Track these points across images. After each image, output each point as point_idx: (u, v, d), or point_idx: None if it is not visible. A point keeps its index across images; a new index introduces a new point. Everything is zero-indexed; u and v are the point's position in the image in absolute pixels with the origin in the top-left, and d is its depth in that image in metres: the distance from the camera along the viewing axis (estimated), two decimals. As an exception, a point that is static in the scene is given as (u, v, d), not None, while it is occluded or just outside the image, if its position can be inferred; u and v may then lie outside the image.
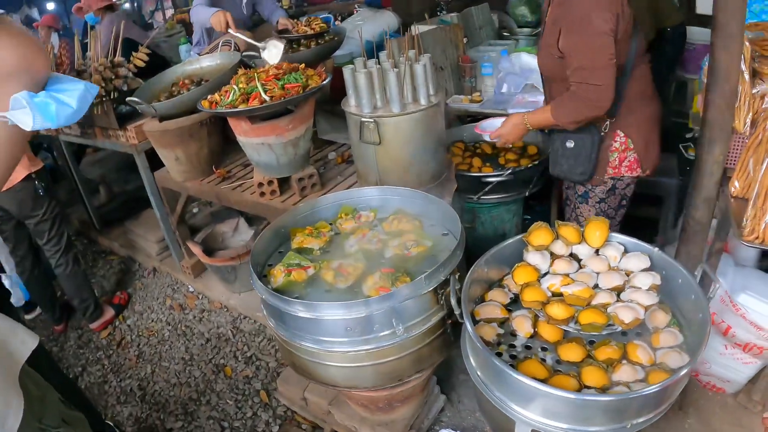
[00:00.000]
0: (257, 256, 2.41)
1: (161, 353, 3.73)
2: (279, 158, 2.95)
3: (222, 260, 3.62)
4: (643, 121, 2.63)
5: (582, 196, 2.85)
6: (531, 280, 2.05)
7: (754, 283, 2.53)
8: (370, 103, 2.61)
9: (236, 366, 3.51)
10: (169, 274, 4.44)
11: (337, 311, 1.99)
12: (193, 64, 3.84)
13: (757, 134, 2.13)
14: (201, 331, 3.84)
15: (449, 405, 3.00)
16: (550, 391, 1.66)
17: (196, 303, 4.09)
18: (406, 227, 2.42)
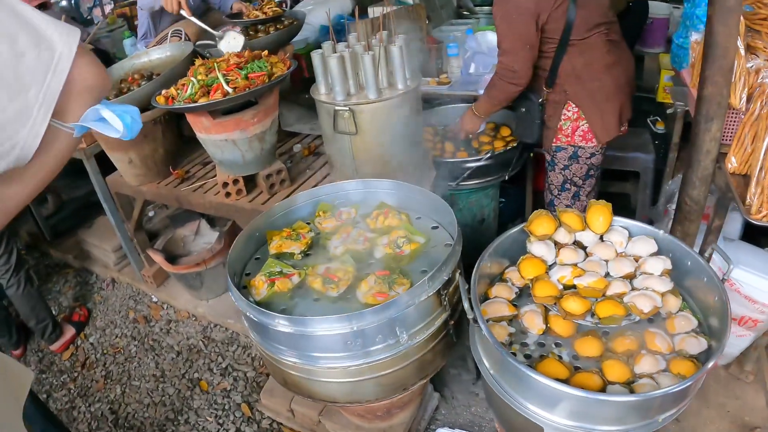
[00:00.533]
0: (233, 265, 2.18)
1: (130, 371, 3.45)
2: (244, 155, 2.71)
3: (186, 267, 3.36)
4: (595, 92, 2.60)
5: (550, 163, 2.90)
6: (540, 274, 1.90)
7: (745, 257, 2.46)
8: (344, 90, 2.40)
9: (212, 379, 3.27)
10: (129, 284, 4.12)
11: (337, 325, 1.79)
12: (141, 58, 3.52)
13: (753, 109, 2.05)
14: (170, 343, 3.57)
15: (443, 402, 2.86)
16: (585, 395, 1.52)
17: (162, 314, 3.81)
18: (393, 222, 2.24)
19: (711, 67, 1.93)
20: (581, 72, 2.57)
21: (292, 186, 2.86)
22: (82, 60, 1.04)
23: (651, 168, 3.33)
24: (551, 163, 2.87)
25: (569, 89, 2.61)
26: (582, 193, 2.86)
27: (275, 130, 2.77)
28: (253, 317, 1.93)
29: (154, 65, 3.47)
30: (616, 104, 2.65)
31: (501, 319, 1.87)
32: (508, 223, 3.93)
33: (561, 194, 2.89)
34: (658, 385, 1.67)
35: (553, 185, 2.92)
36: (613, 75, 2.61)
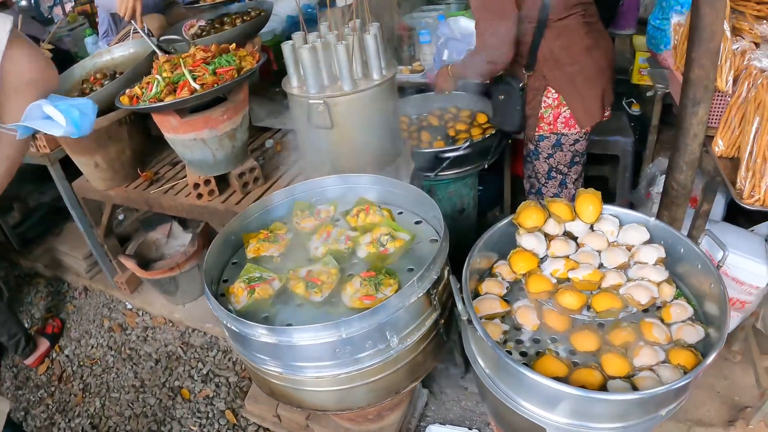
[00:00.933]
0: (210, 272, 2.05)
1: (108, 383, 3.30)
2: (215, 154, 2.57)
3: (160, 272, 3.21)
4: (575, 76, 2.50)
5: (533, 153, 2.80)
6: (532, 268, 1.81)
7: (731, 238, 2.42)
8: (317, 83, 2.27)
9: (193, 386, 3.14)
10: (102, 292, 3.95)
11: (325, 333, 1.68)
12: (103, 56, 3.33)
13: (740, 92, 1.98)
14: (148, 351, 3.42)
15: (432, 398, 2.78)
16: (587, 395, 1.45)
17: (137, 321, 3.65)
18: (375, 219, 2.12)
19: (697, 49, 1.85)
20: (559, 55, 2.47)
21: (266, 184, 2.73)
22: (17, 52, 0.95)
23: (630, 151, 3.27)
24: (534, 152, 2.77)
25: (548, 74, 2.51)
26: (568, 181, 2.78)
27: (246, 127, 2.64)
28: (234, 328, 1.81)
29: (117, 63, 3.29)
30: (597, 88, 2.56)
31: (494, 316, 1.78)
32: (487, 211, 3.85)
33: (548, 182, 2.80)
34: (659, 377, 1.61)
35: (539, 174, 2.82)
36: (593, 57, 2.52)
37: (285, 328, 1.73)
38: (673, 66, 2.27)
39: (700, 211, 2.18)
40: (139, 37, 3.45)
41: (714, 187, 2.12)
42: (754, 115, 1.87)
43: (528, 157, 2.85)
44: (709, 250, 2.09)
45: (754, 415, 2.46)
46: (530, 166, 2.87)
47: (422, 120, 3.33)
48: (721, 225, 2.45)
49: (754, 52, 1.94)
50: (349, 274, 2.00)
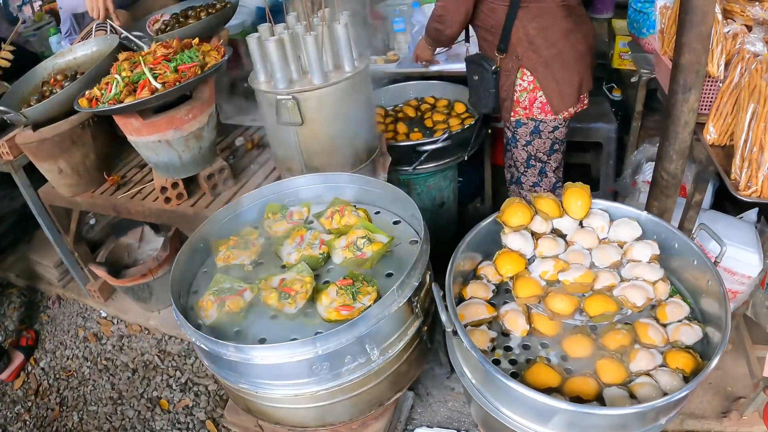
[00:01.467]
0: (178, 285, 1.89)
1: (85, 396, 3.12)
2: (181, 155, 2.39)
3: (132, 279, 3.03)
4: (551, 60, 2.37)
5: (511, 140, 2.68)
6: (519, 270, 1.67)
7: (721, 227, 2.30)
8: (285, 77, 2.10)
9: (172, 396, 2.98)
10: (76, 300, 3.74)
11: (300, 350, 1.55)
12: (65, 56, 3.11)
13: (732, 77, 1.86)
14: (124, 361, 3.25)
15: (418, 400, 2.64)
16: (583, 410, 1.32)
17: (113, 329, 3.46)
18: (351, 221, 1.97)
19: (688, 33, 1.71)
20: (535, 37, 2.33)
21: (237, 184, 2.55)
22: None
23: (613, 138, 3.14)
24: (513, 139, 2.64)
25: (522, 55, 2.37)
26: (548, 169, 2.65)
27: (214, 126, 2.46)
28: (203, 346, 1.66)
29: (80, 63, 3.08)
30: (574, 74, 2.42)
31: (480, 322, 1.65)
32: (468, 202, 3.70)
33: (527, 171, 2.67)
34: (657, 383, 1.50)
35: (518, 162, 2.69)
36: (571, 42, 2.38)
37: (254, 347, 1.59)
38: (660, 50, 2.13)
39: (692, 201, 2.05)
40: (102, 35, 3.25)
41: (706, 176, 1.99)
42: (749, 101, 1.74)
43: (507, 145, 2.73)
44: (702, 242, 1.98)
45: (748, 406, 2.36)
46: (509, 154, 2.74)
47: (398, 111, 3.17)
48: (711, 213, 2.33)
49: (746, 35, 1.81)
50: (324, 281, 1.86)
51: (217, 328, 1.79)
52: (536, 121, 2.51)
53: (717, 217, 2.30)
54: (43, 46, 5.67)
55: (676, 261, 1.70)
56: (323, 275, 1.88)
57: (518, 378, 1.55)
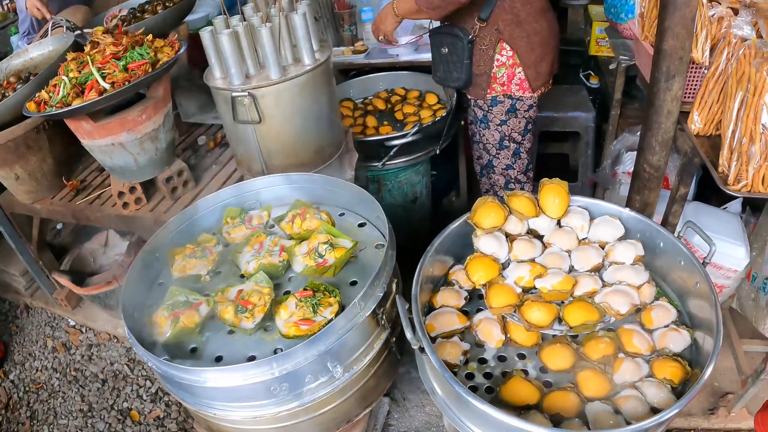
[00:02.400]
0: (129, 299, 1.70)
1: (55, 409, 2.93)
2: (137, 158, 2.20)
3: (97, 288, 2.83)
4: (532, 35, 2.21)
5: (482, 121, 2.45)
6: (493, 277, 1.49)
7: (706, 220, 2.15)
8: (241, 72, 1.92)
9: (143, 407, 2.80)
10: (43, 309, 3.53)
11: (255, 371, 1.38)
12: (20, 57, 2.88)
13: (717, 63, 1.69)
14: (93, 372, 3.05)
15: (394, 405, 2.49)
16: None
17: (81, 339, 3.26)
18: (312, 224, 1.78)
19: (672, 17, 1.54)
20: (520, 11, 2.16)
21: (198, 186, 2.36)
22: None
23: (592, 127, 2.97)
24: (484, 119, 2.43)
25: (503, 28, 2.18)
26: (522, 150, 2.46)
27: (171, 126, 2.27)
28: (158, 370, 1.49)
29: (36, 64, 2.85)
30: (549, 51, 2.29)
31: (452, 333, 1.48)
32: (443, 197, 3.52)
33: (500, 153, 2.47)
34: (644, 396, 1.34)
35: (489, 144, 2.49)
36: (548, 19, 2.25)
37: (204, 370, 1.41)
38: (640, 36, 1.96)
39: (677, 195, 1.89)
40: (59, 33, 3.03)
41: (691, 169, 1.83)
42: (737, 89, 1.57)
43: (476, 127, 2.49)
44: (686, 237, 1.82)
45: (736, 402, 2.22)
46: (478, 137, 2.51)
47: (367, 104, 2.98)
48: (694, 205, 2.17)
49: (733, 18, 1.64)
50: (285, 291, 1.68)
51: (172, 345, 1.61)
52: (513, 98, 2.33)
53: (701, 210, 2.14)
54: (7, 46, 5.39)
55: (661, 261, 1.54)
56: (284, 285, 1.70)
57: (494, 394, 1.39)
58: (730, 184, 1.56)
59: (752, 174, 1.51)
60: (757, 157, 1.52)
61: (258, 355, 1.53)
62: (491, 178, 2.56)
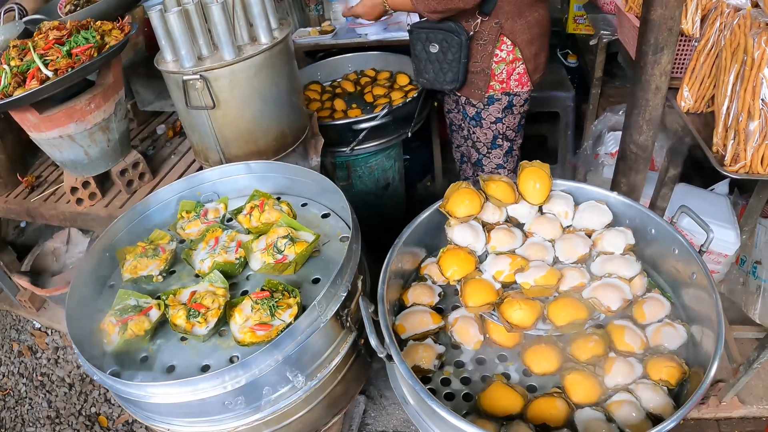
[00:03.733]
0: (76, 305, 1.50)
1: (22, 416, 2.72)
2: (88, 151, 1.98)
3: (58, 289, 2.61)
4: (533, 25, 1.99)
5: (474, 119, 2.19)
6: (469, 272, 1.30)
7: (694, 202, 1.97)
8: (192, 54, 1.70)
9: (111, 411, 2.60)
10: (8, 312, 3.29)
11: (205, 386, 1.18)
12: (-29, 47, 2.66)
13: (708, 35, 1.51)
14: (60, 376, 2.84)
15: (371, 404, 2.31)
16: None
17: (47, 341, 3.04)
18: (272, 217, 1.58)
19: (661, -14, 1.36)
20: (521, 2, 1.92)
21: (156, 179, 2.15)
22: None
23: (571, 107, 2.78)
24: (476, 117, 2.18)
25: (504, 22, 1.94)
26: (515, 147, 2.25)
27: (123, 114, 2.05)
28: (104, 384, 1.30)
29: (-12, 52, 2.62)
30: (546, 41, 2.08)
31: (425, 335, 1.29)
32: (417, 182, 3.33)
33: (491, 152, 2.25)
34: (638, 400, 1.16)
35: (480, 143, 2.25)
36: (544, 5, 2.02)
37: (148, 385, 1.22)
38: (624, 7, 1.77)
39: (666, 177, 1.71)
40: (11, 20, 2.78)
41: (681, 149, 1.65)
42: (731, 62, 1.39)
43: (465, 122, 2.26)
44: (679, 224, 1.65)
45: (727, 391, 2.07)
46: (465, 133, 2.30)
47: (336, 87, 2.76)
48: (681, 187, 2.00)
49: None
50: (243, 291, 1.48)
51: (121, 355, 1.42)
52: (511, 95, 2.11)
53: (689, 192, 1.97)
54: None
55: (652, 249, 1.36)
56: (242, 284, 1.51)
57: (472, 402, 1.21)
58: (726, 165, 1.38)
59: (751, 154, 1.34)
60: (756, 135, 1.35)
61: (212, 363, 1.34)
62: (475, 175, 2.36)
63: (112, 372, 1.38)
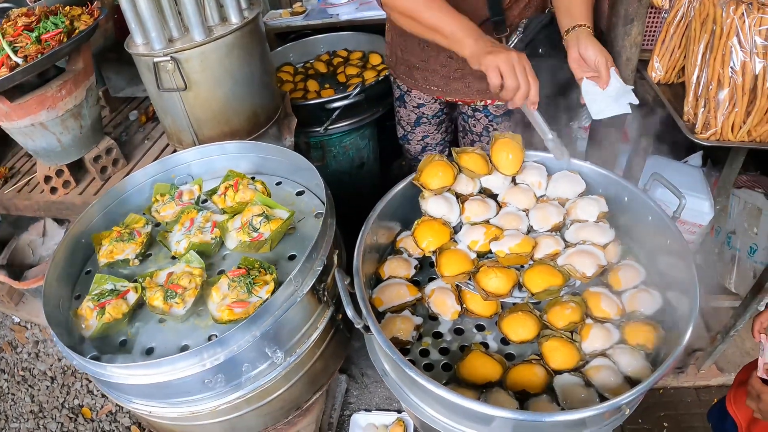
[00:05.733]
0: (55, 291, 1.47)
1: (6, 412, 2.68)
2: (60, 138, 1.94)
3: (35, 281, 2.56)
4: None
5: (506, 114, 1.89)
6: (444, 242, 1.29)
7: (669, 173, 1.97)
8: (163, 36, 1.67)
9: (94, 403, 2.57)
10: (-13, 307, 3.26)
11: (182, 365, 1.18)
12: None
13: (678, 6, 1.52)
14: (42, 370, 2.80)
15: (353, 382, 2.30)
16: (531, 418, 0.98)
17: (27, 335, 2.99)
18: (246, 196, 1.56)
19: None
20: None
21: (130, 164, 2.11)
22: None
23: (544, 80, 2.76)
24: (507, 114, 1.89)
25: None
26: None
27: (95, 100, 2.01)
28: (85, 370, 1.29)
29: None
30: None
31: (402, 307, 1.29)
32: (393, 161, 3.28)
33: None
34: (616, 364, 1.17)
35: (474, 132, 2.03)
36: None
37: (127, 367, 1.21)
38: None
39: (638, 147, 1.71)
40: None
41: (653, 120, 1.65)
42: (701, 32, 1.40)
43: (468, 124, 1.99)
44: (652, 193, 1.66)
45: (705, 359, 2.09)
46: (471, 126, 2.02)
47: (309, 68, 2.74)
48: (655, 159, 2.00)
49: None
50: (219, 271, 1.47)
51: (100, 339, 1.40)
52: None
53: (662, 163, 1.98)
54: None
55: (626, 217, 1.37)
56: (218, 264, 1.49)
57: (451, 371, 1.21)
58: (697, 132, 1.39)
59: (721, 121, 1.35)
60: (726, 104, 1.36)
61: (191, 344, 1.33)
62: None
63: (91, 357, 1.36)
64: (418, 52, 1.81)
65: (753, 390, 1.21)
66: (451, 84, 1.81)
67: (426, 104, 1.96)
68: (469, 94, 1.82)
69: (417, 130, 2.06)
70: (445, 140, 2.11)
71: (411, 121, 2.05)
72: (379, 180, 2.86)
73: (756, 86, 1.35)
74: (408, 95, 1.98)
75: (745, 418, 1.47)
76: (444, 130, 2.08)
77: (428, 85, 1.86)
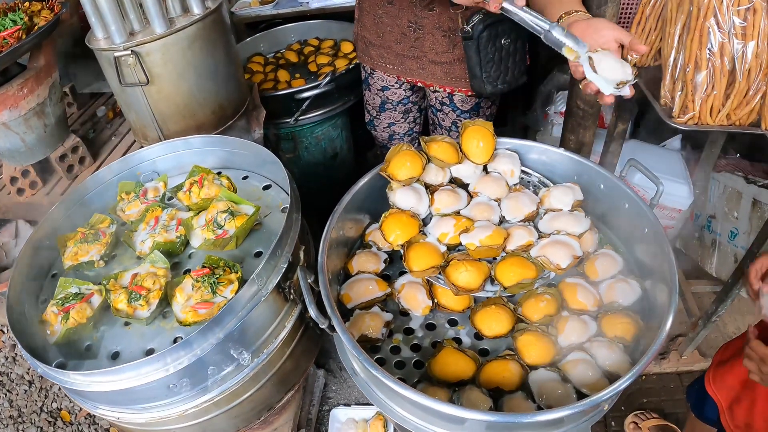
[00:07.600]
0: (16, 297, 1.41)
1: (-17, 418, 2.61)
2: (24, 138, 1.87)
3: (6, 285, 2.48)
4: None
5: (474, 110, 1.83)
6: (412, 235, 1.24)
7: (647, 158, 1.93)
8: (123, 30, 1.59)
9: (72, 406, 2.51)
10: (-38, 311, 3.17)
11: (145, 370, 1.12)
12: None
13: None
14: (19, 374, 2.73)
15: (331, 377, 2.25)
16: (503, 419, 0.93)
17: (4, 339, 2.91)
18: (212, 192, 1.50)
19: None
20: None
21: (97, 162, 2.04)
22: None
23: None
24: (475, 108, 1.83)
25: None
26: None
27: (59, 98, 1.94)
28: (48, 377, 1.23)
29: None
30: None
31: (371, 303, 1.23)
32: (367, 151, 3.22)
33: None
34: (594, 358, 1.12)
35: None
36: None
37: (88, 375, 1.15)
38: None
39: (615, 132, 1.66)
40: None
41: (629, 104, 1.60)
42: (677, 13, 1.34)
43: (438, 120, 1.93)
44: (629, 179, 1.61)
45: (687, 345, 2.06)
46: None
47: (279, 58, 2.66)
48: (632, 144, 1.96)
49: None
50: (185, 270, 1.40)
51: (65, 345, 1.33)
52: None
53: (640, 148, 1.94)
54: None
55: (602, 205, 1.32)
56: (184, 263, 1.43)
57: (423, 369, 1.16)
58: (675, 116, 1.34)
59: (699, 105, 1.30)
60: (704, 86, 1.31)
61: (157, 347, 1.27)
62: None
63: (57, 363, 1.30)
64: (373, 28, 1.77)
65: (754, 354, 1.16)
66: (405, 63, 1.77)
67: (390, 88, 1.91)
68: (424, 76, 1.77)
69: (382, 115, 2.01)
70: (413, 131, 2.06)
71: (376, 105, 2.00)
72: (354, 170, 2.79)
73: (734, 68, 1.30)
74: (372, 77, 1.94)
75: (726, 398, 1.43)
76: (412, 120, 2.02)
77: (384, 63, 1.83)
